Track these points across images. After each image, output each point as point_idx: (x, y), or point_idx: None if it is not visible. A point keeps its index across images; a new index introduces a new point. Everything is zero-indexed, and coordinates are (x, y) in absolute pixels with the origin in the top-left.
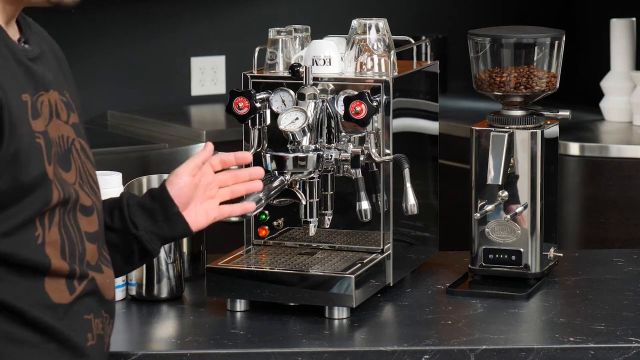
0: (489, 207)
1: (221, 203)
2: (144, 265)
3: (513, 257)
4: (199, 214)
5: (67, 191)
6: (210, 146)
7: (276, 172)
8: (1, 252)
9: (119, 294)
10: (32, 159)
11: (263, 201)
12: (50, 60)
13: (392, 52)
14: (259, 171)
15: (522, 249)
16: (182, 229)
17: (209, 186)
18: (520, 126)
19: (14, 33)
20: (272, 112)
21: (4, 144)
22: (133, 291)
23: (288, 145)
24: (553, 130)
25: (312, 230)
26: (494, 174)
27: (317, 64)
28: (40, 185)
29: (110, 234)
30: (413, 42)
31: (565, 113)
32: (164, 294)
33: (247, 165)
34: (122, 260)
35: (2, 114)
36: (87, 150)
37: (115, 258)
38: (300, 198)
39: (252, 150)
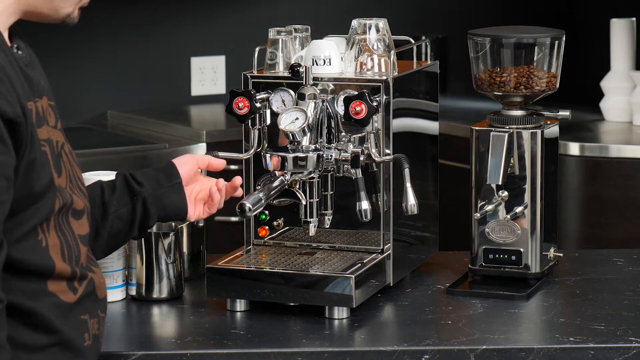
0: (489, 207)
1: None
2: (144, 265)
3: (513, 257)
4: (190, 205)
5: (65, 196)
6: (230, 183)
7: (276, 172)
8: (14, 259)
9: (119, 294)
10: (43, 168)
11: (263, 201)
12: (37, 64)
13: (392, 52)
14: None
15: (522, 249)
16: (181, 202)
17: (201, 192)
18: (520, 126)
19: (6, 40)
20: (272, 112)
21: (25, 153)
22: (133, 291)
23: (288, 145)
24: (553, 130)
25: (312, 230)
26: (493, 174)
27: (317, 64)
28: (47, 192)
29: (114, 202)
30: (413, 42)
31: (565, 113)
32: (164, 294)
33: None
34: (125, 229)
35: (27, 124)
36: (73, 153)
37: (119, 228)
38: (300, 198)
39: (252, 150)
